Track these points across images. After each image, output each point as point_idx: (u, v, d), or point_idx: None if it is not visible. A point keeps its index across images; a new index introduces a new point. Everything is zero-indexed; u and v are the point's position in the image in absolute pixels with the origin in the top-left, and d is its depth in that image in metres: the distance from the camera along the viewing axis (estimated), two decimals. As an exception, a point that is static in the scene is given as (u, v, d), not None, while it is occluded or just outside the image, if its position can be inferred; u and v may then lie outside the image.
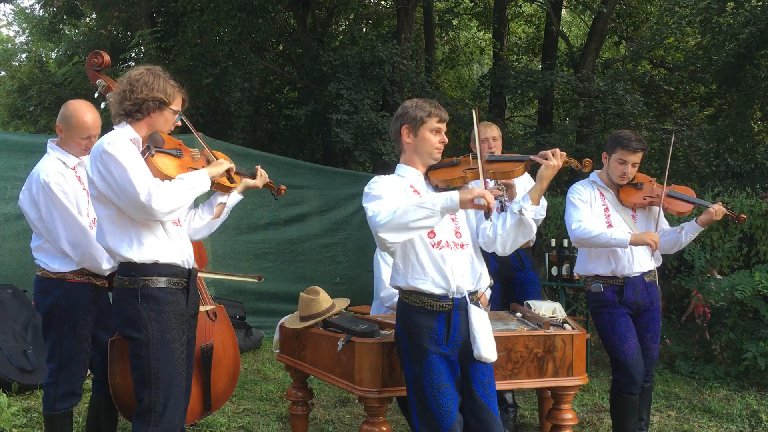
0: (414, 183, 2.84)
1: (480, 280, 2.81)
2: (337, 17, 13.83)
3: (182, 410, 2.73)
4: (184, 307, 2.74)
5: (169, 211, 2.57)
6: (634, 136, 3.72)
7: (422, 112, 2.80)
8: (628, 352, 3.68)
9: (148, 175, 2.56)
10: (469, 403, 2.71)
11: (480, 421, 2.69)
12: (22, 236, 5.61)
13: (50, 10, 13.29)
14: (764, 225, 6.18)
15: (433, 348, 2.67)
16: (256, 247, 7.63)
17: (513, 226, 2.77)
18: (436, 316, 2.69)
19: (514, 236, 2.80)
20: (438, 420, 2.62)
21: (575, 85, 11.08)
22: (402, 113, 2.86)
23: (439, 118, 2.82)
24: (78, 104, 3.30)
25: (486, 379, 2.74)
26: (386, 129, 9.61)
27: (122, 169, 2.51)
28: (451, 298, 2.70)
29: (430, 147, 2.82)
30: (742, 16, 9.11)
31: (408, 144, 2.85)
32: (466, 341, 2.70)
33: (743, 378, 5.64)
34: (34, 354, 4.92)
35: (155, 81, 2.72)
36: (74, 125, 3.26)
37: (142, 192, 2.49)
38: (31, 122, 13.33)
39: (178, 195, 2.59)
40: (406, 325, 2.74)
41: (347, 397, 5.02)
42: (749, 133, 9.72)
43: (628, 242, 3.58)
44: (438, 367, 2.65)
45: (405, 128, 2.83)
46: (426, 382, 2.65)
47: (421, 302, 2.70)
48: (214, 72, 10.33)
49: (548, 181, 2.80)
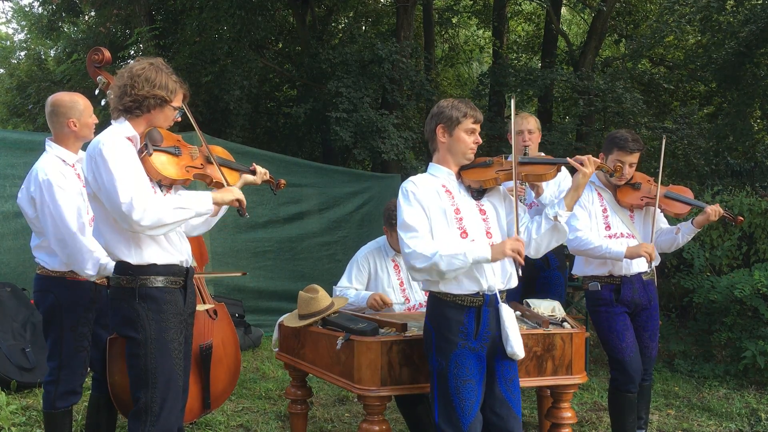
0: (446, 183, 2.87)
1: (510, 280, 2.86)
2: (336, 15, 13.83)
3: (179, 410, 2.72)
4: (182, 306, 2.72)
5: (150, 226, 2.47)
6: (631, 136, 3.71)
7: (458, 113, 2.83)
8: (625, 350, 3.68)
9: (136, 183, 2.48)
10: (490, 400, 2.76)
11: (500, 417, 2.74)
12: (20, 234, 5.60)
13: (49, 7, 13.28)
14: (763, 224, 6.18)
15: (462, 342, 2.71)
16: (256, 245, 7.62)
17: (548, 231, 2.84)
18: (467, 310, 2.74)
19: (548, 241, 2.87)
20: (459, 415, 2.66)
21: (575, 84, 11.08)
22: (438, 112, 2.89)
23: (474, 119, 2.86)
24: (64, 94, 3.34)
25: (510, 377, 2.80)
26: (385, 127, 9.60)
27: (110, 174, 2.46)
28: (482, 294, 2.75)
29: (464, 147, 2.86)
30: (742, 15, 9.11)
31: (442, 143, 2.88)
32: (494, 337, 2.75)
33: (742, 377, 5.64)
34: (33, 352, 4.91)
35: (157, 76, 2.66)
36: (83, 109, 3.27)
37: (124, 201, 2.43)
38: (30, 120, 13.32)
39: (164, 212, 2.48)
40: (435, 318, 2.79)
41: (346, 395, 5.02)
42: (749, 131, 9.72)
43: (623, 255, 3.60)
44: (465, 361, 2.70)
45: (440, 127, 2.86)
46: (451, 375, 2.69)
47: (453, 297, 2.75)
48: (213, 70, 10.32)
49: (582, 188, 2.88)
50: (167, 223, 2.52)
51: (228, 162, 2.97)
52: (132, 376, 2.64)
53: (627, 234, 3.76)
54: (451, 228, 2.78)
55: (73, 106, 3.26)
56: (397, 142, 9.65)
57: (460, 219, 2.80)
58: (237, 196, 2.74)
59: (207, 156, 2.85)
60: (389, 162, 10.01)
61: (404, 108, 10.38)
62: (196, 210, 2.60)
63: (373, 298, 3.82)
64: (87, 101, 3.33)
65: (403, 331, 3.12)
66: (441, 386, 2.72)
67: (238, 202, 2.74)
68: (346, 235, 8.50)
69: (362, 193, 8.78)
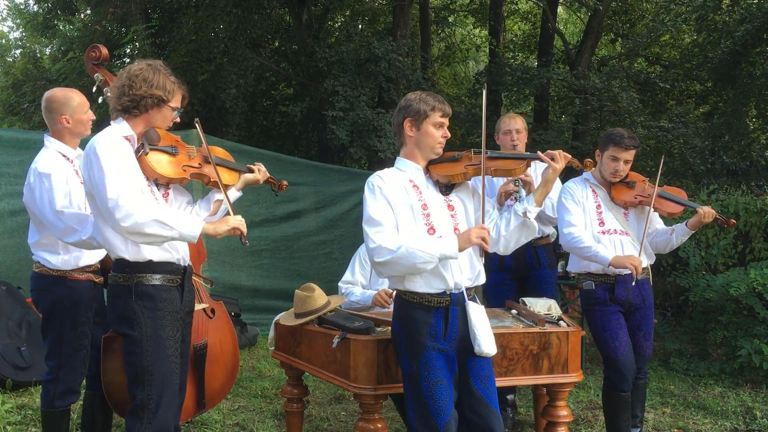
0: (413, 177, 2.82)
1: (478, 277, 2.81)
2: (332, 14, 13.80)
3: (176, 408, 2.71)
4: (179, 304, 2.72)
5: (128, 229, 2.44)
6: (627, 133, 3.74)
7: (426, 106, 2.78)
8: (618, 349, 3.69)
9: (126, 183, 2.48)
10: (467, 399, 2.70)
11: (480, 415, 2.68)
12: (16, 233, 5.59)
13: (45, 5, 13.24)
14: (759, 222, 6.20)
15: (430, 343, 2.66)
16: (252, 244, 7.53)
17: (517, 228, 2.78)
18: (434, 311, 2.69)
19: (517, 237, 2.81)
20: (434, 416, 2.61)
21: (571, 83, 11.08)
22: (405, 106, 2.83)
23: (443, 113, 2.80)
24: (59, 90, 3.30)
25: (485, 373, 2.74)
26: (382, 126, 9.59)
27: (101, 171, 2.48)
28: (449, 294, 2.70)
29: (432, 141, 2.80)
30: (738, 14, 9.13)
31: (410, 137, 2.83)
32: (463, 336, 2.70)
33: (738, 375, 5.66)
34: (29, 351, 4.90)
35: (155, 77, 2.66)
36: (77, 106, 3.24)
37: (110, 197, 2.43)
38: (26, 119, 13.28)
39: (145, 221, 2.43)
40: (403, 320, 2.73)
41: (342, 394, 5.02)
42: (744, 130, 9.74)
43: (608, 263, 3.61)
44: (435, 362, 2.65)
45: (408, 121, 2.81)
46: (423, 377, 2.64)
47: (419, 298, 2.70)
48: (210, 68, 10.30)
49: (552, 183, 2.81)
50: (146, 233, 2.46)
51: (227, 162, 2.97)
52: (129, 374, 2.64)
53: (620, 231, 3.77)
54: (418, 223, 2.71)
55: (66, 102, 3.24)
56: (394, 140, 9.62)
57: (428, 215, 2.73)
58: (233, 225, 2.65)
59: (206, 156, 2.85)
60: (385, 160, 9.98)
61: (400, 107, 10.37)
62: (180, 232, 2.51)
63: (379, 294, 3.85)
64: (82, 98, 3.30)
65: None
66: (413, 389, 2.67)
67: (239, 230, 2.67)
68: (343, 233, 8.49)
69: (359, 191, 8.70)
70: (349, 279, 4.10)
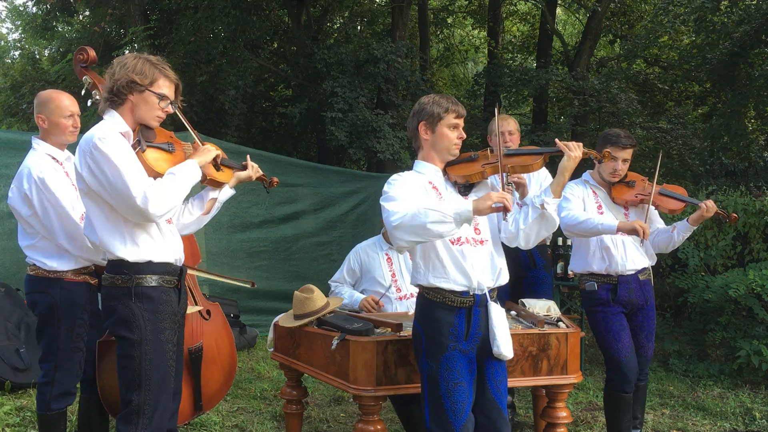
0: (432, 179, 2.82)
1: (500, 276, 2.80)
2: (331, 15, 13.82)
3: (171, 412, 2.68)
4: (176, 306, 2.69)
5: (165, 212, 2.51)
6: (623, 132, 3.77)
7: (439, 108, 2.78)
8: (621, 350, 3.68)
9: (143, 176, 2.48)
10: (480, 401, 2.71)
11: (490, 419, 2.70)
12: (14, 234, 5.47)
13: (43, 7, 13.23)
14: (758, 223, 6.20)
15: (452, 344, 2.66)
16: (251, 245, 7.61)
17: (536, 221, 2.76)
18: (457, 311, 2.68)
19: (537, 230, 2.79)
20: (450, 418, 2.61)
21: (570, 84, 11.10)
22: (419, 110, 2.84)
23: (457, 114, 2.80)
24: (48, 91, 3.30)
25: (500, 378, 2.75)
26: (381, 127, 9.59)
27: (116, 169, 2.42)
28: (472, 294, 2.70)
29: (448, 143, 2.81)
30: (736, 15, 9.13)
31: (426, 140, 2.84)
32: (484, 338, 2.71)
33: (737, 376, 5.66)
34: (27, 353, 4.89)
35: (134, 62, 2.60)
36: (54, 108, 3.21)
37: (137, 195, 2.41)
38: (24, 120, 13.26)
39: (172, 193, 2.51)
40: (425, 320, 2.72)
41: (342, 395, 5.02)
42: (743, 131, 9.75)
43: (615, 228, 3.57)
44: (456, 363, 2.65)
45: (422, 125, 2.82)
46: (442, 378, 2.64)
47: (442, 298, 2.69)
48: (208, 70, 10.31)
49: (569, 173, 2.79)
50: (178, 203, 2.57)
51: (222, 160, 2.96)
52: (124, 378, 2.56)
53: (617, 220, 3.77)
54: None
55: (44, 103, 3.23)
56: (393, 141, 9.64)
57: None
58: (215, 153, 2.80)
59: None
60: (384, 162, 10.00)
61: (399, 108, 10.39)
62: (193, 180, 2.64)
63: (366, 300, 3.95)
64: (66, 102, 3.24)
65: (399, 330, 3.12)
66: (432, 389, 2.67)
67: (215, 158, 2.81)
68: (342, 234, 8.49)
69: (357, 192, 8.78)
70: (336, 277, 4.34)
